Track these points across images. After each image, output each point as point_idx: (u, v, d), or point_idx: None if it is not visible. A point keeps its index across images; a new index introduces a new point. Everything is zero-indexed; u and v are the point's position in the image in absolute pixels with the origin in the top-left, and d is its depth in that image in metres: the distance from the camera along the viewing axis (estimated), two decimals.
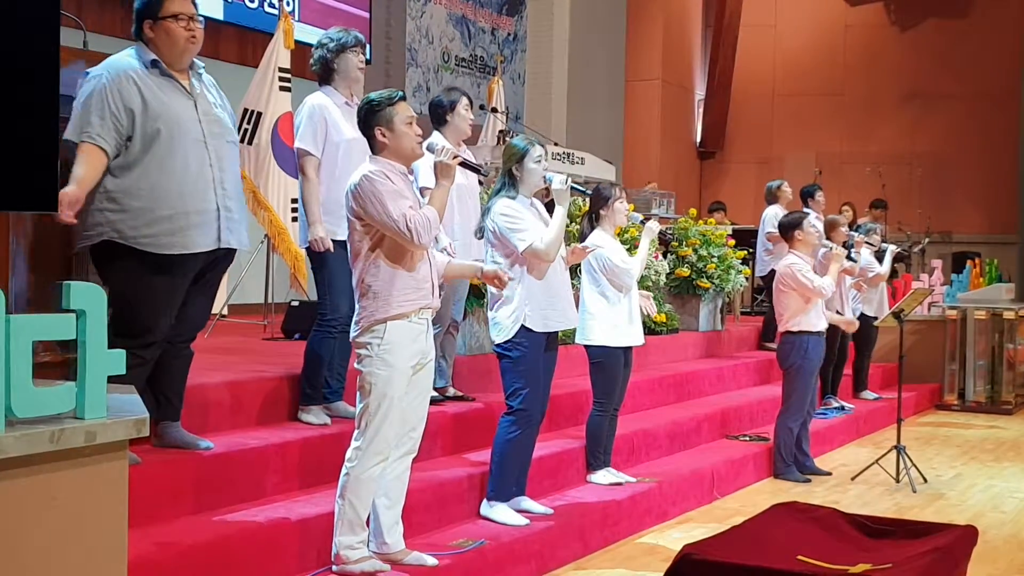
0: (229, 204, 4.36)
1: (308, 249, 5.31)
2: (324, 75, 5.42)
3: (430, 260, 4.43)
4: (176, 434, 4.54)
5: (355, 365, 4.35)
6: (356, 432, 4.32)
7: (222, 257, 4.44)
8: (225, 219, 4.33)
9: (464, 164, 4.69)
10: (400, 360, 4.28)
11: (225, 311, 8.59)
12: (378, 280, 4.27)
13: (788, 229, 7.62)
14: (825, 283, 7.37)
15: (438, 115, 6.00)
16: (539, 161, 5.23)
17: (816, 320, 7.45)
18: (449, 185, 4.49)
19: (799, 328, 7.41)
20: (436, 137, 5.88)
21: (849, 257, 9.18)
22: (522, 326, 5.15)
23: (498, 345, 5.25)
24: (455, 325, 6.25)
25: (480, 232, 5.28)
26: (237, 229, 4.42)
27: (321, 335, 5.30)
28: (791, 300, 7.44)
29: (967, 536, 4.35)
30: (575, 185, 5.31)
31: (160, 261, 4.18)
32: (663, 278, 9.02)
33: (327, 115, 5.28)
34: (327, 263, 5.25)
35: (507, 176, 5.26)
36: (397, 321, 4.27)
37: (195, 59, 4.41)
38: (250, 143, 7.67)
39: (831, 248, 7.84)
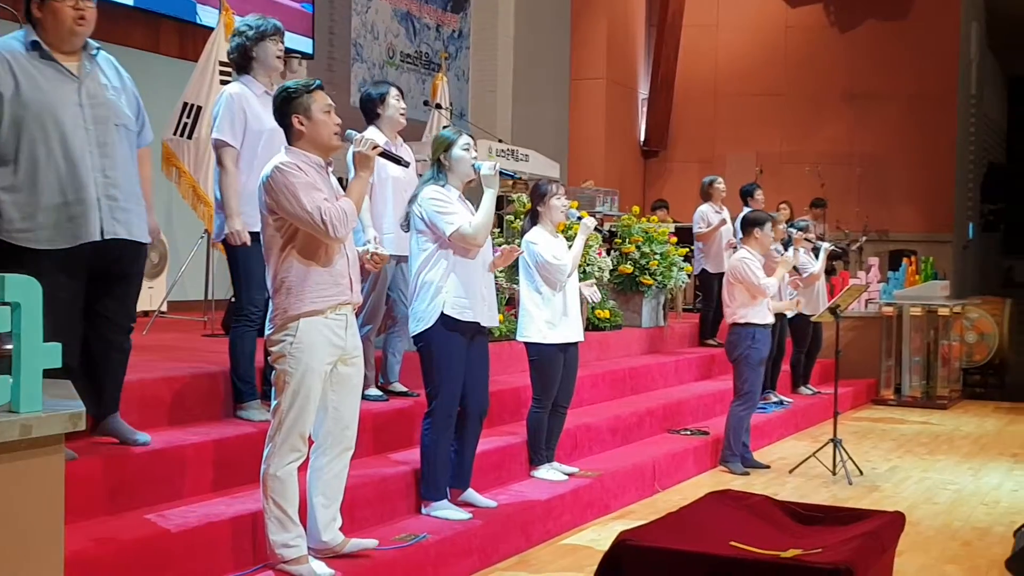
0: (113, 193, 4.15)
1: (224, 242, 5.22)
2: (242, 64, 5.31)
3: (347, 255, 4.35)
4: (115, 424, 4.46)
5: (269, 361, 4.31)
6: (271, 429, 4.26)
7: (128, 250, 4.24)
8: (108, 209, 4.13)
9: (384, 155, 4.59)
10: (314, 358, 4.21)
11: (164, 308, 8.50)
12: (291, 275, 4.19)
13: (750, 224, 7.75)
14: (770, 283, 7.50)
15: (369, 109, 5.96)
16: (467, 149, 5.22)
17: (763, 313, 7.56)
18: (368, 176, 4.41)
19: (746, 320, 7.52)
20: (369, 132, 5.86)
21: (785, 249, 9.31)
22: (441, 314, 5.08)
23: (417, 337, 5.18)
24: (403, 323, 6.22)
25: (406, 222, 5.24)
26: (127, 219, 4.20)
27: (241, 329, 5.23)
28: (739, 293, 7.55)
29: (894, 522, 4.44)
30: (503, 170, 5.29)
31: (39, 258, 3.96)
32: (607, 275, 9.06)
33: (245, 105, 5.18)
34: (244, 256, 5.16)
35: (436, 166, 5.24)
36: (311, 318, 4.20)
37: (89, 40, 4.22)
38: (190, 137, 7.60)
39: (781, 252, 7.99)
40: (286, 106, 4.28)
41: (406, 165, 5.14)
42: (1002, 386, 13.45)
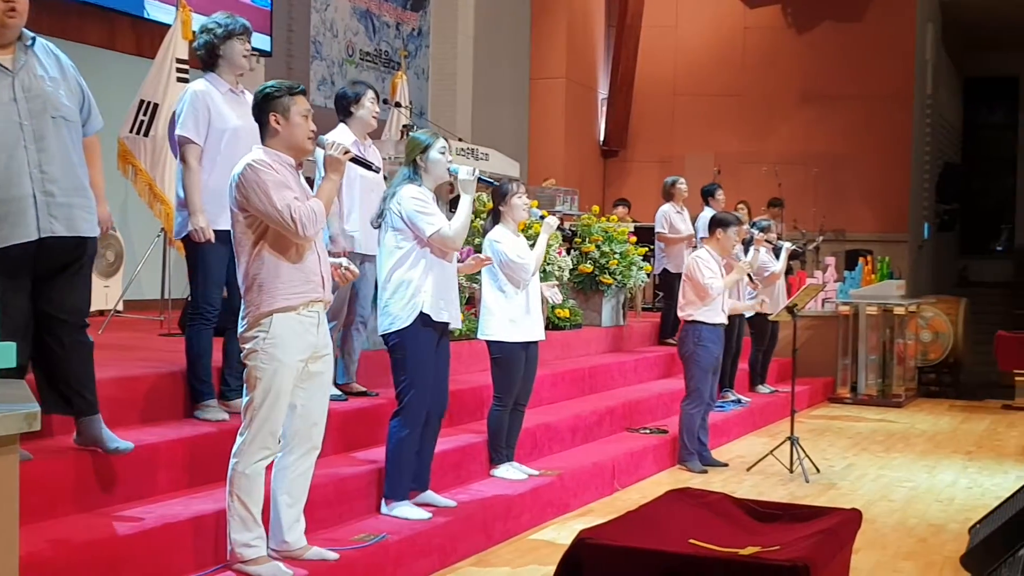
0: (51, 188, 4.06)
1: (185, 239, 5.20)
2: (209, 61, 5.30)
3: (319, 253, 4.37)
4: (95, 430, 4.34)
5: (241, 358, 4.30)
6: (242, 427, 4.26)
7: (70, 246, 4.16)
8: (45, 205, 4.04)
9: (356, 161, 4.64)
10: (287, 355, 4.22)
11: (120, 307, 8.43)
12: (263, 272, 4.20)
13: (716, 226, 7.80)
14: (716, 284, 7.52)
15: (343, 107, 5.99)
16: (443, 152, 5.26)
17: (713, 312, 7.60)
18: (338, 180, 4.45)
19: (694, 318, 7.57)
20: (338, 131, 5.85)
21: (745, 250, 9.37)
22: (420, 312, 5.12)
23: (390, 335, 5.19)
24: (362, 321, 6.22)
25: (379, 220, 5.25)
26: (68, 215, 4.11)
27: (197, 327, 5.21)
28: (690, 290, 7.60)
29: (851, 519, 4.48)
30: (482, 176, 5.34)
31: None
32: (567, 274, 9.09)
33: (210, 102, 5.18)
34: (203, 254, 5.15)
35: (412, 166, 5.26)
36: (284, 314, 4.21)
37: (24, 30, 4.12)
38: (146, 135, 7.53)
39: (738, 258, 8.04)
40: (266, 104, 4.29)
41: (377, 171, 5.16)
42: (956, 384, 13.62)
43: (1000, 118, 23.31)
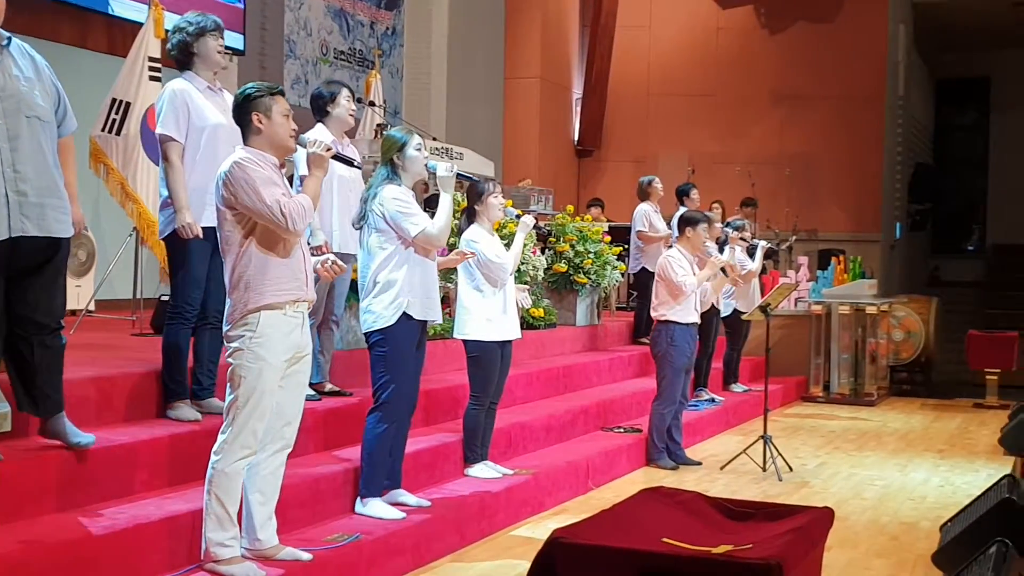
0: (23, 188, 4.04)
1: (168, 238, 5.20)
2: (184, 60, 5.30)
3: (303, 252, 4.40)
4: (57, 426, 4.33)
5: (226, 358, 4.29)
6: (224, 425, 4.26)
7: (42, 247, 4.13)
8: (17, 205, 4.01)
9: (337, 158, 4.67)
10: (272, 354, 4.24)
11: (92, 307, 8.37)
12: (250, 269, 4.22)
13: (685, 224, 7.83)
14: (688, 281, 7.55)
15: (319, 107, 6.01)
16: (419, 149, 5.28)
17: (685, 312, 7.63)
18: (323, 176, 4.48)
19: (666, 318, 7.60)
20: (316, 131, 5.85)
21: (721, 249, 9.40)
22: (404, 313, 5.15)
23: (372, 334, 5.22)
24: (335, 320, 6.22)
25: (360, 220, 5.25)
26: (40, 215, 4.08)
27: (175, 326, 5.20)
28: (662, 290, 7.63)
29: (824, 517, 4.51)
30: (462, 172, 5.36)
31: None
32: (541, 273, 9.10)
33: (189, 100, 5.18)
34: (186, 252, 5.15)
35: (389, 165, 5.26)
36: (270, 312, 4.22)
37: (0, 30, 4.11)
38: (118, 134, 7.49)
39: (710, 253, 8.05)
40: (247, 105, 4.32)
41: (359, 167, 5.19)
42: (928, 383, 13.71)
43: (971, 119, 23.47)
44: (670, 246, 9.95)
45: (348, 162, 4.94)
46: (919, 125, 21.05)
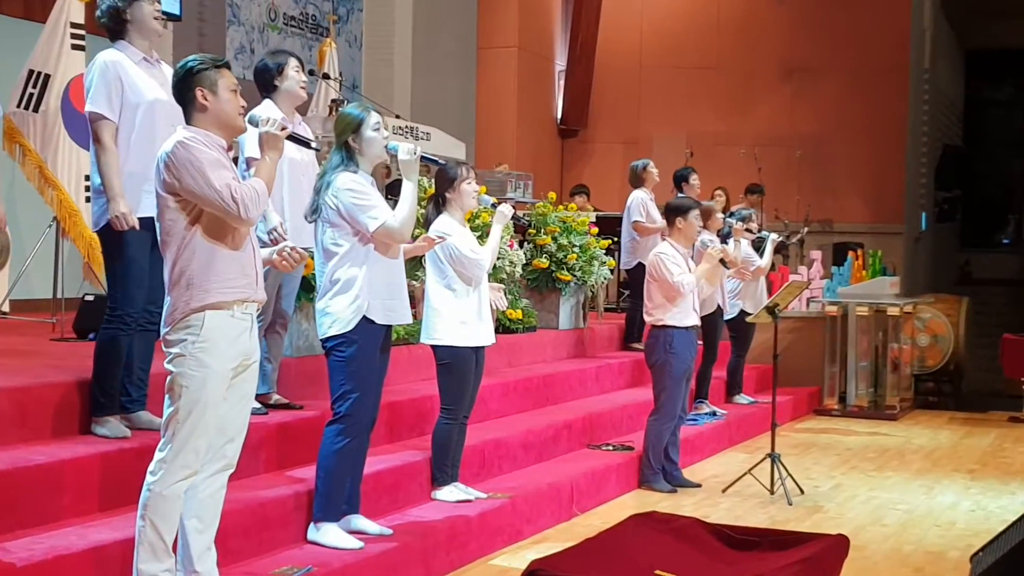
0: None
1: (102, 230, 5.19)
2: (116, 29, 5.28)
3: (253, 246, 4.40)
4: None
5: (165, 365, 4.28)
6: (162, 441, 4.25)
7: None
8: None
9: (292, 138, 4.67)
10: (217, 360, 4.23)
11: (6, 308, 8.34)
12: (194, 264, 4.21)
13: (673, 213, 7.82)
14: (686, 280, 7.56)
15: (266, 81, 6.01)
16: (377, 129, 5.26)
17: (683, 315, 7.66)
18: (277, 158, 4.48)
19: (663, 322, 7.62)
20: (264, 107, 5.85)
21: (724, 244, 9.43)
22: (364, 317, 5.16)
23: (330, 339, 5.23)
24: (283, 322, 6.21)
25: (314, 213, 5.25)
26: None
27: (112, 331, 5.20)
28: (656, 292, 7.65)
29: (838, 546, 4.55)
30: (426, 154, 5.35)
31: None
32: (519, 269, 9.11)
33: (123, 73, 5.17)
34: (123, 246, 5.14)
35: (343, 149, 5.26)
36: (217, 312, 4.22)
37: None
38: (36, 110, 7.46)
39: (707, 245, 8.06)
40: (189, 79, 4.32)
41: (317, 150, 5.18)
42: (957, 394, 13.79)
43: (1007, 95, 23.55)
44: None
45: (305, 143, 4.94)
46: (947, 101, 21.14)
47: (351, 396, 5.21)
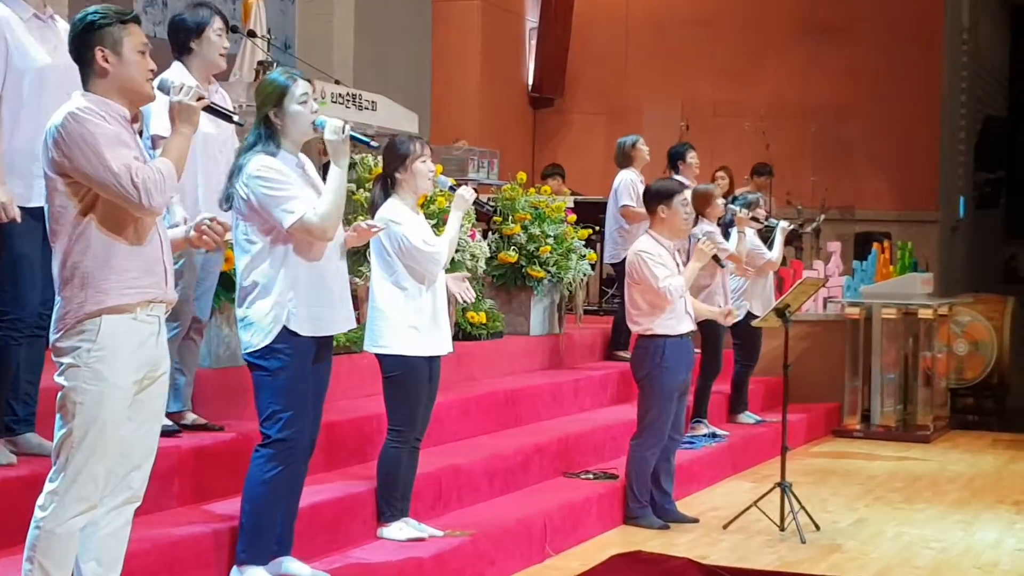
0: None
1: None
2: None
3: (161, 237, 4.37)
4: None
5: (55, 378, 4.26)
6: (53, 470, 4.22)
7: None
8: None
9: (211, 109, 4.64)
10: (118, 372, 4.21)
11: None
12: (89, 259, 4.19)
13: (653, 200, 7.77)
14: (673, 284, 7.52)
15: (180, 41, 6.00)
16: (305, 101, 5.21)
17: (675, 320, 7.65)
18: (190, 133, 4.44)
19: (652, 331, 7.61)
20: (174, 71, 5.83)
21: (726, 234, 9.45)
22: (284, 328, 5.14)
23: (250, 353, 5.22)
24: (198, 327, 6.20)
25: (227, 204, 5.23)
26: None
27: (2, 340, 5.17)
28: (640, 296, 7.63)
29: None
30: (355, 134, 5.29)
31: None
32: (482, 264, 9.09)
33: (9, 33, 5.15)
34: (9, 240, 5.11)
35: (263, 124, 5.23)
36: (116, 316, 4.20)
37: None
38: None
39: (699, 238, 8.02)
40: (88, 36, 4.29)
41: (240, 123, 5.14)
42: (1002, 412, 13.85)
43: None
44: None
45: (226, 115, 4.88)
46: (989, 66, 21.28)
47: (281, 417, 5.19)
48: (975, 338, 13.57)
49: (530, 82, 17.71)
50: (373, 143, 5.72)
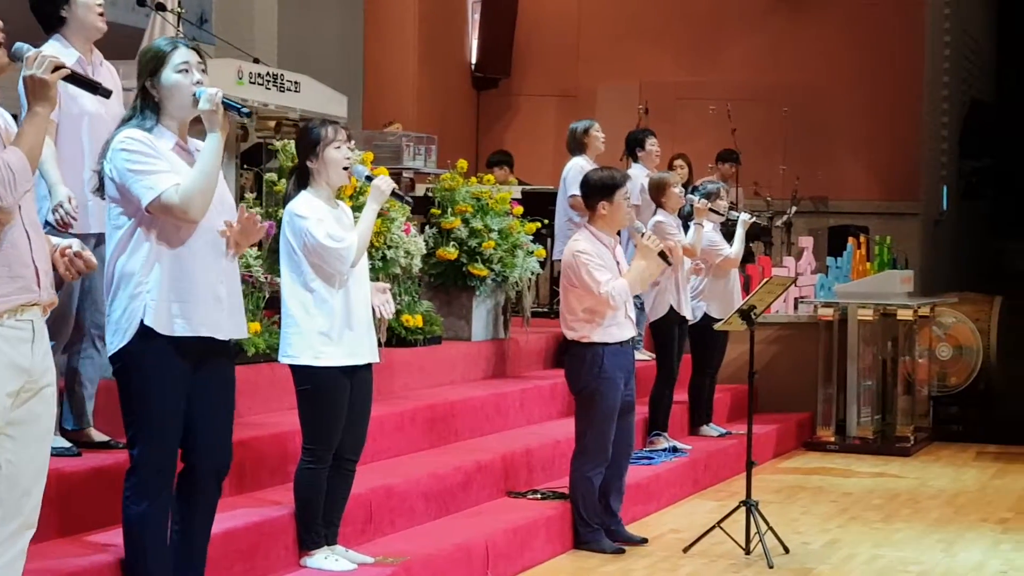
0: None
1: None
2: None
3: (28, 233, 4.28)
4: None
5: None
6: None
7: None
8: None
9: (76, 79, 4.53)
10: None
11: None
12: None
13: (593, 195, 7.74)
14: (618, 288, 7.49)
15: (48, 13, 5.96)
16: (185, 70, 5.08)
17: (616, 327, 7.65)
18: (47, 113, 4.34)
19: (589, 339, 7.60)
20: (51, 47, 5.77)
21: (685, 226, 9.45)
22: (141, 325, 4.99)
23: (113, 356, 5.11)
24: (100, 334, 6.13)
25: (98, 185, 5.13)
26: None
27: None
28: (576, 301, 7.61)
29: None
30: (227, 99, 5.15)
31: None
32: (417, 262, 9.05)
33: None
34: None
35: (140, 98, 5.14)
36: None
37: None
38: None
39: (641, 231, 7.95)
40: None
41: (106, 94, 5.03)
42: (988, 422, 13.92)
43: None
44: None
45: (92, 87, 4.70)
46: (975, 46, 21.42)
47: (137, 440, 5.07)
48: (959, 341, 13.64)
49: (473, 61, 17.70)
50: (244, 109, 5.38)
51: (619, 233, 8.18)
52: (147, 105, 5.11)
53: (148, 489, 5.09)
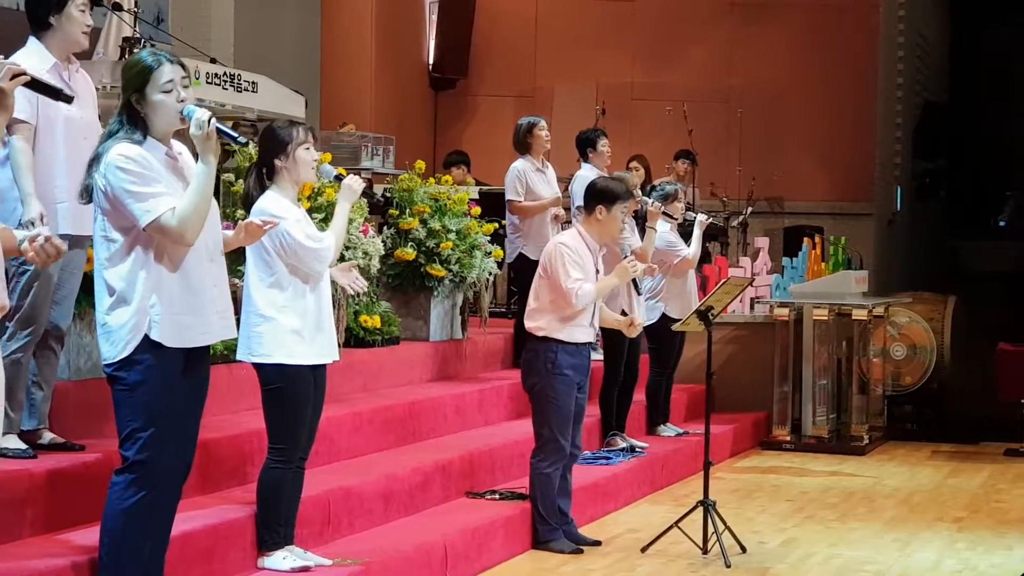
0: None
1: None
2: None
3: None
4: None
5: None
6: None
7: None
8: None
9: (36, 85, 4.53)
10: None
11: None
12: None
13: (595, 198, 7.80)
14: (584, 291, 7.53)
15: (39, 16, 5.94)
16: (169, 90, 5.09)
17: (577, 329, 7.66)
18: (3, 123, 4.34)
19: (545, 333, 7.61)
20: (29, 49, 5.78)
21: (641, 229, 9.45)
22: (145, 337, 5.04)
23: (108, 365, 5.14)
24: (58, 335, 6.12)
25: (86, 194, 5.13)
26: None
27: None
28: (545, 291, 7.62)
29: None
30: (221, 127, 5.17)
31: None
32: (375, 263, 9.03)
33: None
34: None
35: (126, 111, 5.13)
36: None
37: None
38: None
39: (627, 255, 7.99)
40: None
41: (67, 100, 5.03)
42: (942, 421, 14.00)
43: (1005, 38, 23.71)
44: (568, 221, 9.98)
45: (53, 93, 4.75)
46: (929, 46, 21.52)
47: (140, 436, 5.09)
48: (913, 341, 13.68)
49: (430, 61, 17.66)
50: (240, 139, 5.45)
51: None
52: (132, 119, 5.12)
53: (143, 483, 5.13)
